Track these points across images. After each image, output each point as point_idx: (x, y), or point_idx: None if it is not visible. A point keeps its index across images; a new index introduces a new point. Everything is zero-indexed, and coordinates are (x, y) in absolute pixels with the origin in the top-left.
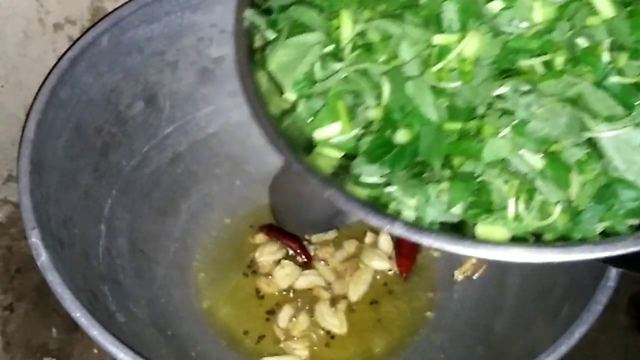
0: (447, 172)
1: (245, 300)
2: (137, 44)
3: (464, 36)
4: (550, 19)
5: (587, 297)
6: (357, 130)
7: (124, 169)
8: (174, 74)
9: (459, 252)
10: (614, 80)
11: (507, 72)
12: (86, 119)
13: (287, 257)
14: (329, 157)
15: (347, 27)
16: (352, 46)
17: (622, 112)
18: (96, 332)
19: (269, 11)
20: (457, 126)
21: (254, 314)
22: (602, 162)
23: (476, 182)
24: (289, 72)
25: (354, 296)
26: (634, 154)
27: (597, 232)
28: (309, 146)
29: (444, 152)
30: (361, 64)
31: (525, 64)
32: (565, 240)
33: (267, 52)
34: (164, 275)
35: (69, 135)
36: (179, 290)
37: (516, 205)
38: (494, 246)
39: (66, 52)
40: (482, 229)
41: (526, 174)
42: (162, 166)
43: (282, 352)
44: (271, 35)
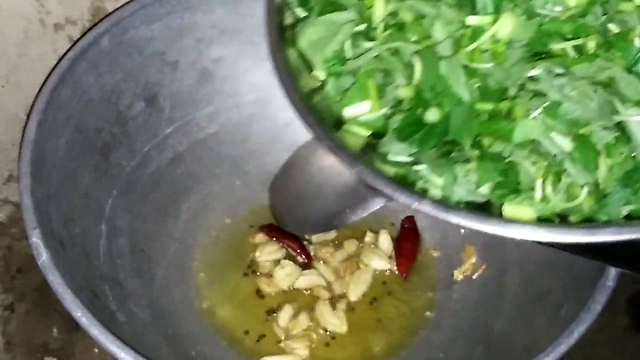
0: (476, 152)
1: (245, 300)
2: (137, 45)
3: (498, 18)
4: (584, 3)
5: (586, 296)
6: (385, 109)
7: (124, 169)
8: (174, 74)
9: (487, 231)
10: None
11: (539, 55)
12: (87, 119)
13: (287, 257)
14: (357, 135)
15: (380, 7)
16: (384, 26)
17: None
18: (97, 331)
19: None
20: (488, 106)
21: (254, 313)
22: (630, 146)
23: (505, 162)
24: (319, 50)
25: (353, 296)
26: None
27: (622, 215)
28: (337, 124)
29: (474, 132)
30: (393, 43)
31: (557, 47)
32: (590, 222)
33: (297, 30)
34: (164, 275)
35: (69, 135)
36: (180, 290)
37: (544, 186)
38: (521, 225)
39: (67, 52)
40: (509, 209)
41: (555, 156)
42: (162, 166)
43: (282, 352)
44: (302, 13)
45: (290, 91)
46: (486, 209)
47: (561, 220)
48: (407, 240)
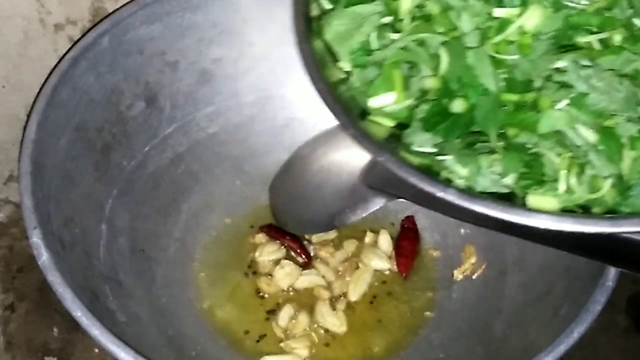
0: (501, 143)
1: (245, 300)
2: (137, 45)
3: (525, 10)
4: None
5: (586, 296)
6: (410, 100)
7: (124, 169)
8: (174, 75)
9: (512, 220)
10: None
11: (565, 48)
12: (87, 119)
13: (287, 257)
14: (381, 125)
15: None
16: (410, 18)
17: None
18: (97, 331)
19: None
20: (514, 97)
21: (255, 313)
22: None
23: (529, 153)
24: (345, 42)
25: (353, 296)
26: None
27: None
28: (362, 114)
29: (500, 123)
30: (419, 34)
31: (583, 40)
32: (613, 214)
33: (322, 22)
34: (164, 275)
35: (70, 135)
36: (180, 289)
37: (568, 177)
38: (546, 215)
39: (67, 52)
40: (533, 200)
41: (579, 147)
42: (162, 166)
43: (282, 352)
44: (327, 5)
45: (316, 80)
46: (509, 200)
47: (584, 211)
48: (407, 240)
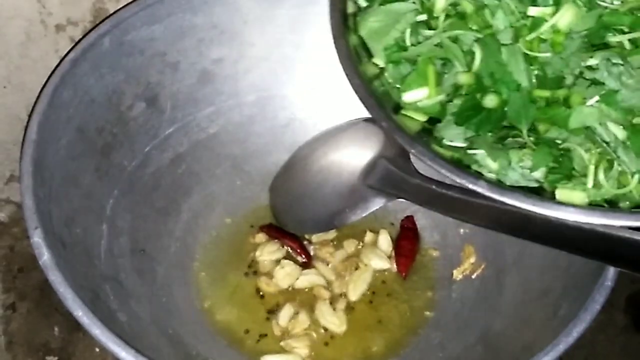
0: (532, 138)
1: (245, 299)
2: (138, 45)
3: (558, 9)
4: None
5: (585, 296)
6: (442, 95)
7: (125, 169)
8: (175, 75)
9: (541, 212)
10: None
11: (596, 46)
12: (88, 119)
13: (287, 257)
14: (413, 120)
15: None
16: (445, 16)
17: None
18: (98, 331)
19: None
20: (545, 93)
21: (255, 313)
22: None
23: (559, 148)
24: (380, 38)
25: (353, 295)
26: None
27: None
28: (395, 109)
29: (531, 118)
30: (454, 31)
31: (614, 39)
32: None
33: (358, 19)
34: (165, 274)
35: (70, 135)
36: (180, 289)
37: (596, 172)
38: (575, 209)
39: (68, 53)
40: (561, 194)
41: (608, 143)
42: (163, 166)
43: (282, 351)
44: (364, 2)
45: (352, 75)
46: (538, 194)
47: (611, 206)
48: (407, 240)
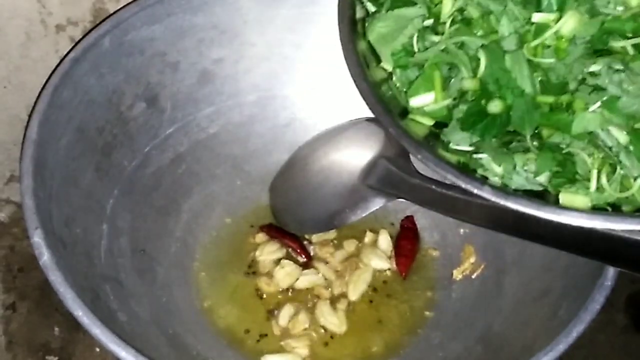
0: (536, 143)
1: (246, 299)
2: (138, 45)
3: (562, 15)
4: None
5: (585, 296)
6: (449, 100)
7: (125, 169)
8: (175, 75)
9: (544, 217)
10: None
11: (599, 52)
12: (88, 119)
13: (287, 257)
14: (420, 124)
15: (449, 3)
16: (451, 21)
17: None
18: (98, 330)
19: None
20: (549, 99)
21: (255, 313)
22: None
23: (563, 153)
24: (387, 43)
25: (353, 295)
26: None
27: None
28: (403, 113)
29: (535, 123)
30: (460, 37)
31: (617, 45)
32: None
33: (367, 24)
34: (165, 274)
35: (71, 135)
36: (180, 289)
37: (599, 177)
38: (578, 213)
39: (68, 53)
40: (564, 198)
41: (611, 148)
42: (163, 166)
43: (282, 350)
44: (372, 7)
45: (360, 81)
46: (542, 198)
47: (614, 209)
48: (407, 240)
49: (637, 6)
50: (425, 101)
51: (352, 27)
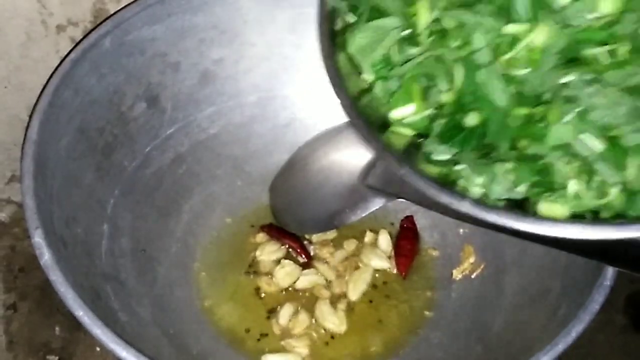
0: (513, 154)
1: (246, 299)
2: (139, 46)
3: (534, 27)
4: (617, 12)
5: (584, 296)
6: (429, 110)
7: (126, 169)
8: (175, 75)
9: (522, 229)
10: None
11: (572, 61)
12: (89, 119)
13: (287, 257)
14: (402, 135)
15: (424, 15)
16: (428, 32)
17: None
18: (99, 330)
19: None
20: (524, 111)
21: (255, 312)
22: None
23: (540, 163)
24: (367, 54)
25: (353, 295)
26: None
27: None
28: (384, 125)
29: (510, 136)
30: (436, 50)
31: (589, 53)
32: (621, 218)
33: (347, 35)
34: (166, 274)
35: (71, 136)
36: (181, 289)
37: (576, 185)
38: (555, 223)
39: (69, 53)
40: (543, 206)
41: (587, 157)
42: (163, 167)
43: (283, 350)
44: (351, 18)
45: (341, 95)
46: (522, 206)
47: (593, 215)
48: (407, 239)
49: (608, 14)
50: (405, 113)
51: (332, 41)
